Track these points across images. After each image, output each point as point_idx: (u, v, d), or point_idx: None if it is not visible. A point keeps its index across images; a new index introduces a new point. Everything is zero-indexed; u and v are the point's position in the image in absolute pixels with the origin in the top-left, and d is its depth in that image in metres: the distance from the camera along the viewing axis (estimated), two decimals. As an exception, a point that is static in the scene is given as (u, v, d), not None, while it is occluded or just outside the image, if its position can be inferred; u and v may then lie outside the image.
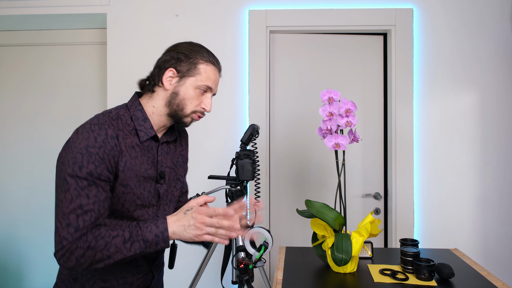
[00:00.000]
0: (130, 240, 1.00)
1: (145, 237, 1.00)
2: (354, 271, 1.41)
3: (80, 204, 0.98)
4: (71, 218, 0.97)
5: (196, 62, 1.13)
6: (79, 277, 1.12)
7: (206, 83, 1.14)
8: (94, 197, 1.00)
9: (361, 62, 2.37)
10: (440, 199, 2.26)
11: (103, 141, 1.02)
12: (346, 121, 1.40)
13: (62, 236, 0.96)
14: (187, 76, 1.13)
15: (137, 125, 1.12)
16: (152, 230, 1.01)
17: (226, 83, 2.28)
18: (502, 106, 2.25)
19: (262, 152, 2.24)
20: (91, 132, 1.02)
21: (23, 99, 2.60)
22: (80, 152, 0.99)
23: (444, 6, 2.25)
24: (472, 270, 1.40)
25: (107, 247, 0.98)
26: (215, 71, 1.17)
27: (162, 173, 1.19)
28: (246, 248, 1.44)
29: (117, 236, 1.00)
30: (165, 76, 1.13)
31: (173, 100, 1.14)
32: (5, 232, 2.60)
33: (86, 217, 0.98)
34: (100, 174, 1.01)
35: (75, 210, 0.97)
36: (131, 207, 1.10)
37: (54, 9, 2.31)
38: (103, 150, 1.01)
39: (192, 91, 1.13)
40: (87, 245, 0.97)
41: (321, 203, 1.46)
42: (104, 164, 1.01)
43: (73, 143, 1.01)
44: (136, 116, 1.13)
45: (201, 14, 2.29)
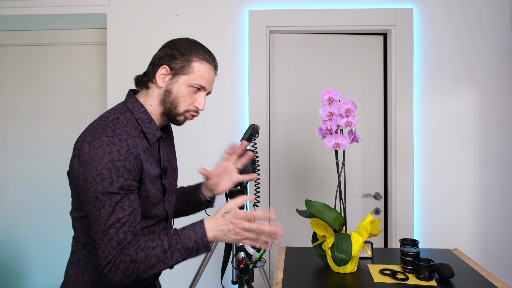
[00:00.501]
0: (170, 250, 0.99)
1: (185, 244, 1.00)
2: (354, 271, 1.41)
3: (117, 218, 0.98)
4: (112, 232, 0.97)
5: (190, 59, 1.11)
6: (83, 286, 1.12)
7: (199, 82, 1.12)
8: (128, 208, 1.00)
9: (361, 62, 2.37)
10: (440, 199, 2.26)
11: (127, 152, 1.00)
12: (346, 121, 1.40)
13: (106, 251, 0.97)
14: (180, 74, 1.11)
15: (144, 128, 1.11)
16: (191, 237, 1.01)
17: (226, 83, 2.28)
18: (502, 106, 2.25)
19: (262, 152, 2.24)
20: (113, 145, 0.99)
21: (23, 99, 2.60)
22: (106, 167, 0.97)
23: (444, 6, 2.25)
24: (472, 270, 1.40)
25: (148, 258, 0.98)
26: (209, 69, 1.14)
27: (165, 168, 1.19)
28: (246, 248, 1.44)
29: (156, 247, 0.99)
30: (158, 73, 1.11)
31: (167, 98, 1.12)
32: (5, 232, 2.60)
33: (125, 228, 0.99)
34: (130, 186, 1.01)
35: (113, 225, 0.98)
36: (150, 208, 1.11)
37: (54, 9, 2.31)
38: (128, 161, 1.00)
39: (185, 90, 1.11)
40: (129, 259, 0.97)
41: (321, 203, 1.46)
42: (132, 175, 1.01)
43: (92, 159, 0.98)
44: (141, 118, 1.11)
45: (201, 14, 2.29)
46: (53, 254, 2.56)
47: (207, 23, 2.29)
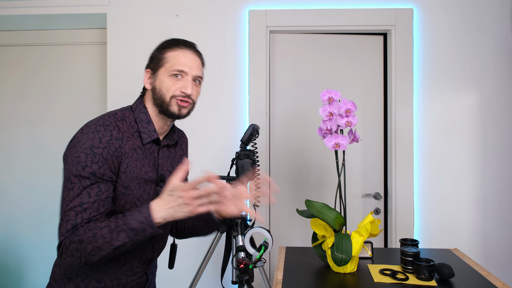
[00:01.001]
0: (116, 230, 0.98)
1: (131, 225, 0.98)
2: (354, 271, 1.41)
3: (81, 202, 1.00)
4: (71, 214, 1.00)
5: (162, 52, 1.16)
6: (74, 277, 1.12)
7: (176, 67, 1.14)
8: (95, 196, 1.01)
9: (361, 62, 2.37)
10: (440, 199, 2.26)
11: (108, 142, 1.04)
12: (346, 121, 1.40)
13: (61, 232, 1.00)
14: (158, 69, 1.15)
15: (140, 128, 1.14)
16: (136, 218, 0.99)
17: (226, 83, 2.28)
18: (502, 106, 2.25)
19: (262, 152, 2.24)
20: (96, 133, 1.04)
21: (23, 99, 2.60)
22: (85, 152, 1.02)
23: (444, 6, 2.25)
24: (472, 270, 1.40)
25: (95, 238, 0.98)
26: (184, 53, 1.16)
27: (162, 176, 1.20)
28: (246, 248, 1.44)
29: (104, 227, 0.99)
30: (145, 79, 1.19)
31: (155, 95, 1.16)
32: (5, 232, 2.60)
33: (85, 214, 1.00)
34: (103, 174, 1.03)
35: (75, 208, 1.00)
36: (131, 208, 1.10)
37: (54, 9, 2.31)
38: (107, 151, 1.03)
39: (166, 80, 1.14)
40: (78, 239, 0.98)
41: (321, 203, 1.46)
42: (107, 164, 1.03)
43: (77, 143, 1.04)
44: (140, 118, 1.15)
45: (201, 14, 2.29)
46: (53, 254, 2.56)
47: (207, 23, 2.29)
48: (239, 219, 1.70)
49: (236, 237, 1.68)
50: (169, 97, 1.14)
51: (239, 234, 1.67)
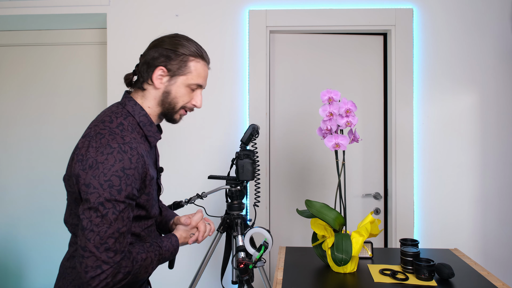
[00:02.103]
0: (156, 259, 1.08)
1: (165, 256, 1.11)
2: (354, 271, 1.41)
3: (118, 228, 0.96)
4: (110, 242, 0.95)
5: (186, 59, 1.12)
6: None
7: (197, 82, 1.14)
8: (127, 220, 0.99)
9: (361, 62, 2.37)
10: (440, 199, 2.26)
11: (137, 161, 1.00)
12: (346, 121, 1.40)
13: (101, 260, 0.94)
14: (178, 75, 1.12)
15: (146, 132, 1.11)
16: (169, 249, 1.13)
17: (226, 83, 2.28)
18: (502, 106, 2.25)
19: (262, 152, 2.24)
20: (124, 154, 0.98)
21: (23, 99, 2.60)
22: (117, 175, 0.96)
23: (444, 6, 2.25)
24: (472, 270, 1.40)
25: (139, 270, 1.03)
26: (204, 67, 1.16)
27: (160, 168, 1.23)
28: (246, 248, 1.44)
29: (146, 259, 1.05)
30: (155, 75, 1.11)
31: (166, 99, 1.13)
32: (5, 232, 2.60)
33: (121, 239, 0.98)
34: (134, 195, 1.01)
35: (113, 234, 0.95)
36: (150, 209, 1.12)
37: (54, 9, 2.31)
38: (137, 171, 1.00)
39: (183, 90, 1.13)
40: (127, 270, 0.99)
41: (321, 203, 1.46)
42: (137, 184, 1.01)
43: (101, 164, 0.96)
44: (143, 122, 1.11)
45: (201, 14, 2.29)
46: (53, 254, 2.56)
47: (207, 23, 2.29)
48: (239, 219, 1.70)
49: (236, 237, 1.68)
50: (180, 107, 1.15)
51: (239, 234, 1.67)
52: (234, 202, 1.72)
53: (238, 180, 1.70)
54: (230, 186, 1.72)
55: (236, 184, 1.71)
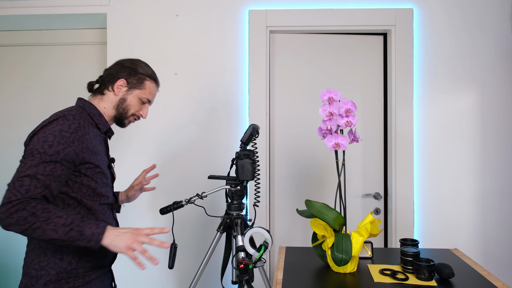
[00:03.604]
0: (70, 226, 1.10)
1: (83, 231, 1.11)
2: (354, 271, 1.41)
3: (36, 173, 1.11)
4: (25, 180, 1.09)
5: (143, 78, 1.40)
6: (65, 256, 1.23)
7: (148, 97, 1.42)
8: (49, 171, 1.12)
9: (361, 62, 2.37)
10: (440, 199, 2.26)
11: (76, 128, 1.20)
12: (346, 121, 1.40)
13: (12, 192, 1.07)
14: (135, 88, 1.39)
15: (96, 120, 1.34)
16: (91, 228, 1.12)
17: (226, 83, 2.28)
18: (502, 106, 2.25)
19: (262, 152, 2.24)
20: (66, 120, 1.19)
21: (23, 99, 2.60)
22: (53, 133, 1.15)
23: (444, 6, 2.25)
24: (472, 270, 1.40)
25: (47, 221, 1.08)
26: (155, 88, 1.45)
27: (112, 159, 1.46)
28: (246, 248, 1.44)
29: (61, 217, 1.10)
30: (117, 84, 1.37)
31: (121, 104, 1.38)
32: (5, 232, 2.60)
33: (38, 184, 1.10)
34: (66, 155, 1.16)
35: (30, 176, 1.10)
36: (101, 184, 1.29)
37: (55, 9, 2.31)
38: (74, 135, 1.18)
39: (136, 100, 1.40)
40: (33, 212, 1.07)
41: (321, 203, 1.46)
42: (71, 147, 1.17)
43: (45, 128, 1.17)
44: (92, 113, 1.34)
45: (201, 14, 2.29)
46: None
47: (207, 23, 2.29)
48: (239, 219, 1.70)
49: (236, 237, 1.68)
50: (130, 113, 1.40)
51: (239, 234, 1.67)
52: (234, 202, 1.72)
53: (238, 180, 1.70)
54: (230, 186, 1.72)
55: (236, 184, 1.71)
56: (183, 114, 2.29)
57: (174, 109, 2.29)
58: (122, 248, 1.12)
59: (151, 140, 2.29)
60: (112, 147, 2.16)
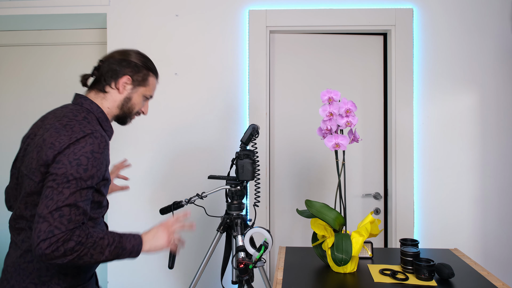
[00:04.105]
0: (114, 245, 1.10)
1: (125, 245, 1.12)
2: (354, 271, 1.41)
3: (76, 201, 1.04)
4: (65, 210, 1.01)
5: (148, 74, 1.32)
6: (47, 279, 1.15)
7: (151, 93, 1.36)
8: (85, 197, 1.07)
9: (361, 62, 2.37)
10: (440, 199, 2.26)
11: (104, 147, 1.13)
12: (346, 121, 1.40)
13: (54, 225, 0.99)
14: (140, 86, 1.30)
15: (104, 126, 1.25)
16: (131, 241, 1.14)
17: (226, 83, 2.28)
18: (502, 106, 2.25)
19: (262, 152, 2.24)
20: (95, 139, 1.10)
21: (23, 99, 2.60)
22: (86, 156, 1.07)
23: (444, 6, 2.25)
24: (472, 270, 1.40)
25: (94, 246, 1.05)
26: (156, 82, 1.38)
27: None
28: (246, 248, 1.45)
29: (103, 238, 1.08)
30: (121, 82, 1.26)
31: (126, 104, 1.30)
32: (5, 232, 2.60)
33: (78, 212, 1.04)
34: (98, 178, 1.11)
35: (70, 205, 1.03)
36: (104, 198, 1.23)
37: (55, 9, 2.31)
38: (104, 155, 1.12)
39: (140, 98, 1.32)
40: (79, 240, 1.03)
41: (321, 203, 1.46)
42: (102, 169, 1.12)
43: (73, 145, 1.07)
44: (101, 118, 1.24)
45: (201, 14, 2.29)
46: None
47: (207, 23, 2.29)
48: (239, 219, 1.71)
49: (236, 237, 1.68)
50: (135, 112, 1.34)
51: (239, 234, 1.67)
52: (234, 202, 1.72)
53: (238, 180, 1.70)
54: (230, 186, 1.72)
55: (236, 184, 1.71)
56: (183, 114, 2.29)
57: (174, 109, 2.29)
58: (164, 246, 1.20)
59: (150, 140, 2.29)
60: (111, 147, 2.16)
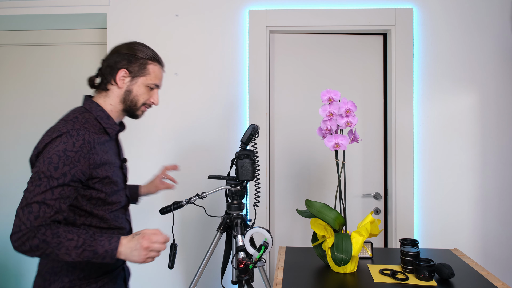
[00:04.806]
0: (82, 247, 1.08)
1: (96, 249, 1.09)
2: (354, 271, 1.41)
3: (44, 198, 1.07)
4: (34, 207, 1.06)
5: (145, 63, 1.29)
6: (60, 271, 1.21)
7: (155, 82, 1.32)
8: (57, 195, 1.09)
9: (361, 62, 2.37)
10: (440, 199, 2.26)
11: (81, 146, 1.13)
12: (346, 121, 1.40)
13: (22, 221, 1.05)
14: (138, 76, 1.28)
15: (104, 124, 1.26)
16: (104, 245, 1.10)
17: (226, 83, 2.28)
18: (502, 106, 2.25)
19: (262, 152, 2.24)
20: (70, 137, 1.13)
21: (24, 99, 2.60)
22: (57, 154, 1.10)
23: (444, 6, 2.25)
24: (472, 270, 1.40)
25: (58, 247, 1.06)
26: (160, 69, 1.34)
27: (124, 159, 1.39)
28: (246, 248, 1.45)
29: (71, 239, 1.07)
30: (119, 76, 1.27)
31: (127, 97, 1.29)
32: (5, 231, 2.60)
33: (48, 210, 1.07)
34: (73, 176, 1.11)
35: (38, 202, 1.06)
36: (110, 193, 1.24)
37: (55, 9, 2.31)
38: (79, 154, 1.12)
39: (143, 89, 1.30)
40: (43, 238, 1.05)
41: (321, 203, 1.46)
42: (77, 167, 1.12)
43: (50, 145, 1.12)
44: (100, 116, 1.26)
45: (201, 14, 2.29)
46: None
47: (207, 23, 2.29)
48: (239, 219, 1.71)
49: (236, 237, 1.68)
50: (140, 104, 1.31)
51: (239, 234, 1.67)
52: (234, 202, 1.72)
53: (238, 180, 1.70)
54: (230, 186, 1.72)
55: (236, 184, 1.71)
56: (183, 114, 2.29)
57: (174, 109, 2.29)
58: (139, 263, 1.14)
59: (150, 140, 2.29)
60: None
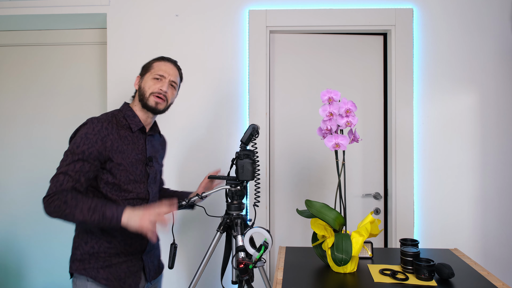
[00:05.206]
0: (93, 210, 1.31)
1: (105, 213, 1.31)
2: (354, 271, 1.41)
3: (67, 170, 1.35)
4: (60, 177, 1.34)
5: (151, 63, 1.58)
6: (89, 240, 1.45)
7: (159, 73, 1.54)
8: (78, 168, 1.36)
9: (361, 62, 2.37)
10: (440, 199, 2.26)
11: (99, 130, 1.40)
12: (346, 121, 1.40)
13: (50, 187, 1.33)
14: (145, 74, 1.56)
15: (129, 121, 1.52)
16: (112, 210, 1.32)
17: (226, 83, 2.28)
18: (502, 106, 2.25)
19: (262, 152, 2.24)
20: (91, 124, 1.41)
21: (24, 99, 2.60)
22: (81, 136, 1.39)
23: (444, 6, 2.25)
24: (472, 270, 1.40)
25: (75, 207, 1.30)
26: (165, 63, 1.57)
27: (150, 157, 1.57)
28: (246, 248, 1.45)
29: (86, 202, 1.32)
30: (135, 82, 1.59)
31: (139, 92, 1.55)
32: (5, 231, 2.60)
33: (70, 179, 1.34)
34: (90, 153, 1.37)
35: (63, 173, 1.35)
36: (125, 180, 1.46)
37: (55, 9, 2.31)
38: (97, 136, 1.39)
39: (150, 81, 1.54)
40: (65, 200, 1.30)
41: (321, 203, 1.46)
42: (94, 147, 1.38)
43: (79, 131, 1.43)
44: (127, 114, 1.53)
45: (201, 14, 2.29)
46: (53, 253, 2.57)
47: (207, 23, 2.29)
48: (239, 219, 1.70)
49: (236, 237, 1.68)
50: (149, 94, 1.52)
51: (239, 234, 1.67)
52: (234, 202, 1.72)
53: (238, 180, 1.70)
54: (230, 186, 1.71)
55: (236, 184, 1.71)
56: (182, 114, 2.29)
57: (174, 109, 2.29)
58: (137, 226, 1.31)
59: (151, 140, 2.29)
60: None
